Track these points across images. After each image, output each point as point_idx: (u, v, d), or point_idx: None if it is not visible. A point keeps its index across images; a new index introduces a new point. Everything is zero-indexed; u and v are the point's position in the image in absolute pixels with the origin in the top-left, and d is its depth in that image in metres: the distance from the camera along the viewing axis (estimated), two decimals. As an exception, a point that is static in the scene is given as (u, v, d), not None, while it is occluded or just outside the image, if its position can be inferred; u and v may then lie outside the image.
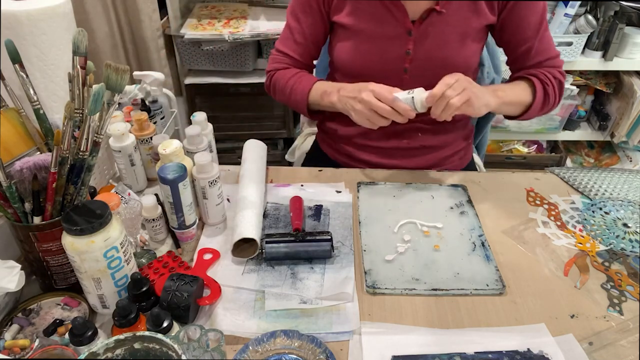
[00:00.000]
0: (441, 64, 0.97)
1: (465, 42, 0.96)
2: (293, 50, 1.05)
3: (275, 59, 1.08)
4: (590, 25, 1.85)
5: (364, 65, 0.99)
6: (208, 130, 0.95)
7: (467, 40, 0.96)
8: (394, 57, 0.97)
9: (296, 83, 1.02)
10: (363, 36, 0.97)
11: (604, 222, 0.90)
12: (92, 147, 0.68)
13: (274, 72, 1.07)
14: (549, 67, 1.01)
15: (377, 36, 0.96)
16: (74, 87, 0.69)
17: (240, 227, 0.80)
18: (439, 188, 0.98)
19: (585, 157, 2.35)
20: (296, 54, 1.06)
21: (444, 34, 0.95)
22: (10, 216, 0.67)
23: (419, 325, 0.71)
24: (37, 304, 0.71)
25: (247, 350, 0.65)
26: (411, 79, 0.98)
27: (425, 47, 0.96)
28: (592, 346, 0.68)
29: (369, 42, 0.97)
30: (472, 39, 0.97)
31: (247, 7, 2.15)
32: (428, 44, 0.95)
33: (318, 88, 1.00)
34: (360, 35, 0.97)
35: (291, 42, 1.05)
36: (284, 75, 1.05)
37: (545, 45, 1.00)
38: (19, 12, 0.74)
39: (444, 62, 0.97)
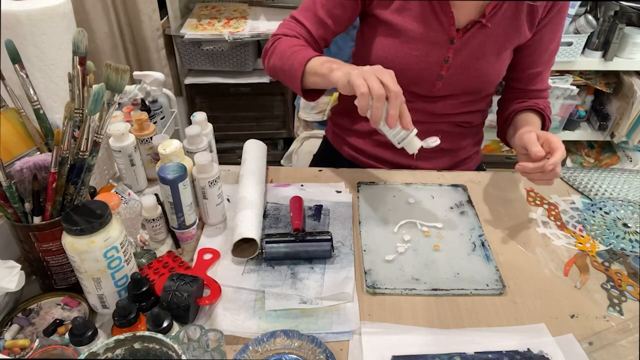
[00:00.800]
0: (475, 74, 0.98)
1: (500, 56, 0.98)
2: (310, 23, 0.98)
3: (287, 25, 1.00)
4: (590, 25, 1.85)
5: (401, 65, 0.97)
6: (208, 130, 0.95)
7: (503, 54, 0.98)
8: (433, 63, 0.96)
9: (302, 50, 0.93)
10: (406, 37, 0.95)
11: (604, 222, 0.90)
12: (92, 147, 0.68)
13: (281, 37, 0.98)
14: (544, 99, 1.05)
15: (420, 39, 0.95)
16: (74, 87, 0.69)
17: (240, 227, 0.80)
18: (439, 188, 0.98)
19: (585, 157, 2.35)
20: (312, 28, 0.98)
21: (483, 46, 0.95)
22: (10, 216, 0.67)
23: (419, 325, 0.71)
24: (37, 304, 0.71)
25: (247, 350, 0.65)
26: (444, 86, 0.99)
27: (463, 57, 0.96)
28: (592, 346, 0.68)
29: (411, 44, 0.95)
30: (507, 53, 0.99)
31: (247, 7, 2.15)
32: (467, 54, 0.96)
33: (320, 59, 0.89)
34: (403, 35, 0.95)
35: (311, 14, 0.98)
36: (290, 42, 0.95)
37: (548, 75, 1.05)
38: (19, 12, 0.74)
39: (478, 74, 0.98)
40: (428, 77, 0.98)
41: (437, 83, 0.99)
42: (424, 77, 0.98)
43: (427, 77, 0.98)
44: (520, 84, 1.05)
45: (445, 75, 0.97)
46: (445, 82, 0.98)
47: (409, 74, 0.97)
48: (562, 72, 2.06)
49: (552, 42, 0.99)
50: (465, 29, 0.93)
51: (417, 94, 1.01)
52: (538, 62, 1.01)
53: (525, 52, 1.00)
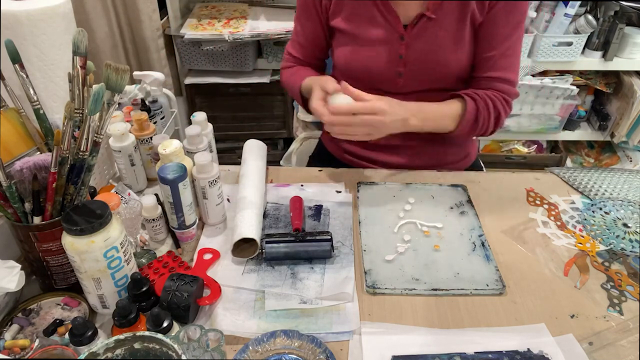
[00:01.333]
0: (435, 67, 0.98)
1: (458, 45, 0.96)
2: (298, 52, 1.11)
3: (285, 59, 1.15)
4: (590, 25, 1.85)
5: (360, 68, 1.01)
6: (208, 130, 0.95)
7: (461, 43, 0.96)
8: (388, 61, 0.98)
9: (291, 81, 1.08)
10: (359, 40, 0.99)
11: (604, 222, 0.90)
12: (92, 147, 0.68)
13: (282, 70, 1.14)
14: (498, 91, 0.99)
15: (372, 40, 0.98)
16: (74, 87, 0.69)
17: (240, 227, 0.80)
18: (439, 188, 0.98)
19: (585, 157, 2.35)
20: (301, 55, 1.11)
21: (436, 38, 0.95)
22: (10, 216, 0.67)
23: (419, 325, 0.71)
24: (37, 304, 0.71)
25: (247, 350, 0.65)
26: (406, 82, 1.00)
27: (417, 52, 0.96)
28: (592, 346, 0.68)
29: (365, 46, 0.99)
30: (466, 41, 0.97)
31: (247, 7, 2.15)
32: (420, 49, 0.96)
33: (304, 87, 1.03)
34: (356, 40, 0.99)
35: (297, 44, 1.11)
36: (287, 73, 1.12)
37: (507, 65, 0.98)
38: (19, 12, 0.74)
39: (437, 66, 0.97)
40: (388, 75, 1.00)
41: (398, 80, 1.00)
42: (385, 76, 1.00)
43: (387, 76, 1.00)
44: (476, 71, 1.01)
45: (404, 71, 0.98)
46: (406, 78, 0.99)
47: (370, 75, 1.01)
48: (562, 72, 2.06)
49: (504, 26, 0.94)
50: (413, 24, 0.95)
51: (385, 91, 1.01)
52: (490, 45, 0.96)
53: (478, 37, 0.97)
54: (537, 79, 2.02)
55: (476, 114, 0.96)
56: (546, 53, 1.91)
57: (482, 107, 0.96)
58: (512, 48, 0.97)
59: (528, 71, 1.98)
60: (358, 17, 0.98)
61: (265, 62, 2.05)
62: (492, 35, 0.95)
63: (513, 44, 0.97)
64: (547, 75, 2.04)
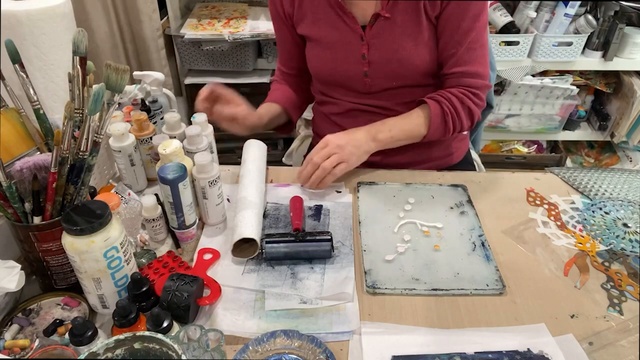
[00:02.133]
0: (398, 65, 0.98)
1: (417, 41, 0.96)
2: (283, 65, 1.16)
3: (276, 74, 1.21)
4: (590, 25, 1.85)
5: (329, 71, 1.03)
6: (208, 131, 0.95)
7: (419, 39, 0.95)
8: (353, 62, 1.00)
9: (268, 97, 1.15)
10: (324, 44, 1.01)
11: (604, 222, 0.90)
12: (92, 147, 0.68)
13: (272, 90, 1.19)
14: (466, 86, 0.98)
15: (335, 43, 0.99)
16: (74, 87, 0.69)
17: (240, 227, 0.80)
18: (439, 188, 0.98)
19: (585, 157, 2.35)
20: (284, 66, 1.16)
21: (394, 37, 0.96)
22: (10, 216, 0.67)
23: (419, 325, 0.71)
24: (37, 304, 0.71)
25: (247, 350, 0.65)
26: (373, 81, 1.01)
27: (379, 51, 0.98)
28: (592, 346, 0.68)
29: (329, 50, 1.01)
30: (424, 36, 0.95)
31: (247, 7, 2.15)
32: (381, 48, 0.97)
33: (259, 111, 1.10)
34: (321, 44, 1.01)
35: (281, 57, 1.16)
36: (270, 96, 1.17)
37: (472, 58, 0.97)
38: (19, 12, 0.74)
39: (400, 64, 0.98)
40: (355, 76, 1.01)
41: (365, 80, 1.01)
42: (352, 77, 1.02)
43: (354, 77, 1.02)
44: (443, 68, 1.00)
45: (369, 70, 1.00)
46: (372, 77, 1.00)
47: (339, 76, 1.03)
48: (562, 72, 2.06)
49: (462, 20, 0.92)
50: (371, 25, 0.96)
51: (357, 91, 1.04)
52: (453, 41, 0.95)
53: (440, 34, 0.96)
54: (537, 79, 2.02)
55: (442, 115, 0.97)
56: (546, 53, 1.91)
57: (447, 107, 0.97)
58: (475, 41, 0.95)
59: (528, 71, 1.98)
60: (319, 21, 1.00)
61: (265, 62, 2.05)
62: (452, 31, 0.94)
63: (476, 36, 0.95)
64: (547, 75, 2.04)
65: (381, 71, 0.99)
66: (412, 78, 1.01)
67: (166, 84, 1.82)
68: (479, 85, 0.99)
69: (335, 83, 1.05)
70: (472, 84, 0.98)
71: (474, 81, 0.98)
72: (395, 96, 1.03)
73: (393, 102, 1.04)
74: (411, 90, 1.02)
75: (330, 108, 1.12)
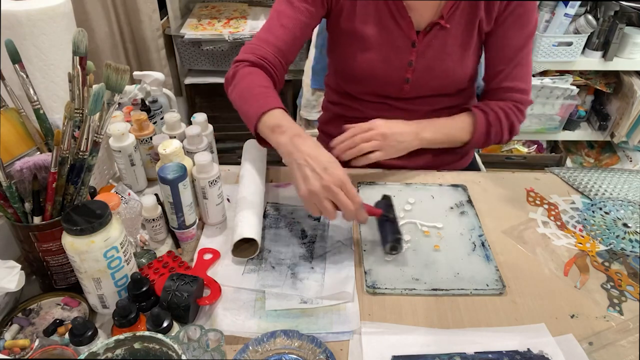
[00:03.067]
0: (442, 75, 0.98)
1: (465, 54, 0.97)
2: (277, 36, 0.93)
3: (250, 48, 0.94)
4: (590, 25, 1.85)
5: (367, 72, 0.99)
6: (208, 131, 0.95)
7: (468, 52, 0.97)
8: (397, 67, 0.98)
9: (258, 95, 0.86)
10: (368, 44, 0.96)
11: (604, 222, 0.90)
12: (92, 147, 0.68)
13: (245, 65, 0.92)
14: (512, 101, 1.00)
15: (382, 45, 0.96)
16: (74, 87, 0.69)
17: (241, 227, 0.80)
18: (439, 188, 0.98)
19: (585, 157, 2.35)
20: (279, 40, 0.93)
21: (446, 46, 0.96)
22: (10, 216, 0.67)
23: (419, 325, 0.71)
24: (37, 304, 0.71)
25: (247, 350, 0.65)
26: (412, 89, 1.00)
27: (427, 59, 0.97)
28: (592, 346, 0.68)
29: (374, 50, 0.97)
30: (472, 51, 0.98)
31: (247, 7, 2.15)
32: (430, 56, 0.96)
33: (274, 116, 0.82)
34: (365, 43, 0.97)
35: (277, 27, 0.94)
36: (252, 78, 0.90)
37: (520, 74, 0.99)
38: (19, 12, 0.74)
39: (444, 74, 0.98)
40: (394, 81, 1.00)
41: (404, 86, 1.00)
42: (391, 82, 1.00)
43: (393, 81, 1.00)
44: (487, 84, 1.04)
45: (412, 78, 0.99)
46: (413, 85, 1.00)
47: (375, 80, 1.00)
48: (562, 72, 2.06)
49: (516, 39, 0.95)
50: (425, 32, 0.94)
51: (389, 96, 1.03)
52: (504, 57, 0.97)
53: (491, 48, 0.99)
54: (537, 79, 2.02)
55: (487, 126, 0.99)
56: (546, 53, 1.92)
57: (494, 119, 0.98)
58: (525, 57, 0.98)
59: (528, 71, 1.98)
60: (369, 20, 0.95)
61: (265, 62, 2.05)
62: (505, 47, 0.97)
63: (526, 54, 0.98)
64: (547, 75, 2.04)
65: (424, 79, 0.99)
66: (447, 87, 1.02)
67: (166, 84, 1.82)
68: (523, 101, 1.01)
69: (368, 84, 1.01)
70: (518, 99, 1.00)
71: (520, 97, 1.00)
72: (424, 103, 1.03)
73: (423, 107, 1.04)
74: (440, 98, 1.03)
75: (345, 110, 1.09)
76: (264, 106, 0.83)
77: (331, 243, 0.84)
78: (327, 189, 0.72)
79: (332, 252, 0.82)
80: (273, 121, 0.82)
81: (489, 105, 1.00)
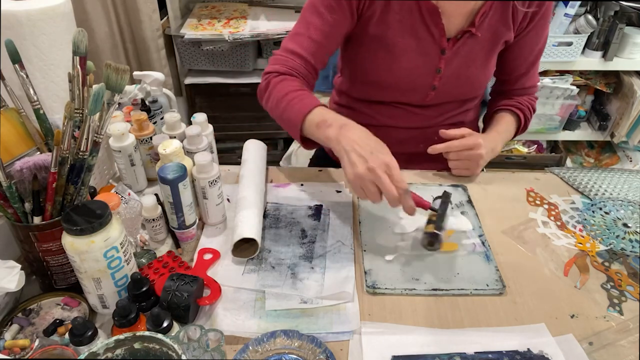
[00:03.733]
0: (466, 82, 1.00)
1: (489, 60, 0.99)
2: (305, 48, 0.93)
3: (279, 60, 0.95)
4: (590, 25, 1.85)
5: (392, 78, 0.98)
6: (208, 131, 0.95)
7: (491, 58, 1.00)
8: (425, 74, 0.97)
9: (296, 99, 0.88)
10: (395, 50, 0.95)
11: (604, 222, 0.90)
12: (92, 147, 0.68)
13: (275, 75, 0.94)
14: (529, 95, 1.08)
15: (411, 51, 0.95)
16: (74, 87, 0.69)
17: (241, 227, 0.80)
18: (439, 188, 0.98)
19: (585, 157, 2.35)
20: (308, 53, 0.93)
21: (472, 53, 0.97)
22: (10, 216, 0.67)
23: (419, 325, 0.71)
24: (37, 304, 0.71)
25: (247, 350, 0.65)
26: (436, 95, 1.01)
27: (454, 66, 0.97)
28: (592, 346, 0.68)
29: (402, 57, 0.95)
30: (493, 58, 1.00)
31: (247, 7, 2.15)
32: (457, 63, 0.97)
33: (318, 114, 0.84)
34: (392, 49, 0.95)
35: (304, 39, 0.93)
36: (285, 85, 0.91)
37: (536, 72, 1.07)
38: (19, 12, 0.74)
39: (469, 80, 1.00)
40: (421, 88, 1.00)
41: (429, 93, 1.00)
42: (417, 89, 1.00)
43: (419, 88, 1.00)
44: (506, 85, 1.08)
45: (438, 85, 0.99)
46: (438, 92, 1.00)
47: (401, 86, 0.99)
48: (562, 72, 2.06)
49: (536, 45, 1.01)
50: (456, 39, 0.94)
51: (410, 103, 1.03)
52: (523, 64, 1.03)
53: (510, 56, 1.02)
54: (537, 79, 2.02)
55: (525, 122, 1.07)
56: (546, 53, 1.91)
57: (528, 114, 1.07)
58: (540, 57, 1.05)
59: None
60: (399, 25, 0.93)
61: (265, 62, 2.05)
62: (525, 55, 1.01)
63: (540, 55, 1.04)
64: (547, 75, 2.04)
65: (449, 85, 0.99)
66: (468, 94, 1.05)
67: (166, 84, 1.83)
68: (535, 92, 1.10)
69: (391, 91, 0.99)
70: (534, 92, 1.10)
71: (535, 89, 1.10)
72: (445, 109, 1.05)
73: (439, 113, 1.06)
74: (456, 104, 1.06)
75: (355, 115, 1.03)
76: (305, 108, 0.85)
77: (331, 243, 0.84)
78: (372, 171, 0.73)
79: (332, 252, 0.82)
80: (317, 118, 0.83)
81: (521, 103, 1.06)
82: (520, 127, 1.08)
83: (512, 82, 1.07)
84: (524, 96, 1.08)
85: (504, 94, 1.10)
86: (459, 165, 0.99)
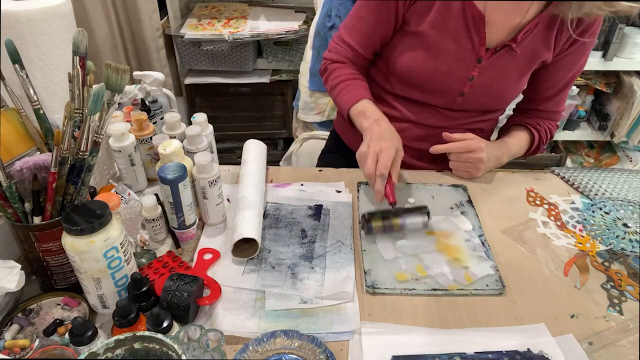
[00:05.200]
0: (496, 94, 1.00)
1: (522, 77, 0.99)
2: (357, 42, 1.02)
3: (336, 48, 1.05)
4: (590, 25, 1.85)
5: (425, 78, 0.98)
6: (209, 131, 0.95)
7: (525, 75, 0.99)
8: (457, 79, 0.97)
9: (347, 88, 1.01)
10: (435, 51, 0.95)
11: (604, 222, 0.90)
12: (92, 147, 0.68)
13: (331, 63, 1.06)
14: (550, 120, 1.08)
15: (449, 55, 0.95)
16: (74, 87, 0.69)
17: (241, 227, 0.80)
18: (439, 188, 0.98)
19: (585, 157, 2.35)
20: (360, 46, 1.02)
21: (508, 68, 0.96)
22: (10, 216, 0.67)
23: (419, 325, 0.71)
24: (37, 304, 0.71)
25: (247, 350, 0.65)
26: (464, 102, 1.01)
27: (487, 77, 0.97)
28: (592, 346, 0.68)
29: (439, 58, 0.95)
30: (527, 76, 1.00)
31: (247, 7, 2.15)
32: (491, 75, 0.97)
33: (361, 105, 0.97)
34: (432, 49, 0.95)
35: (356, 33, 1.02)
36: (339, 73, 1.03)
37: (564, 99, 1.06)
38: (19, 12, 0.74)
39: (499, 94, 1.00)
40: (450, 92, 0.99)
41: (457, 99, 1.00)
42: (446, 92, 1.00)
43: (449, 93, 1.00)
44: (532, 104, 1.07)
45: (467, 92, 0.99)
46: (466, 99, 1.00)
47: (431, 87, 0.99)
48: (562, 72, 2.05)
49: (571, 71, 1.00)
50: (494, 50, 0.94)
51: (436, 106, 1.03)
52: (553, 87, 1.02)
53: (542, 77, 1.01)
54: (537, 79, 2.02)
55: (539, 144, 1.08)
56: (546, 53, 1.91)
57: (544, 137, 1.07)
58: (571, 85, 1.05)
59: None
60: (441, 26, 0.93)
61: (265, 62, 2.05)
62: (558, 78, 1.01)
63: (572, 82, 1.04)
64: (547, 75, 2.04)
65: (478, 94, 0.99)
66: (494, 106, 1.05)
67: (166, 84, 1.83)
68: (559, 119, 1.10)
69: (422, 90, 1.00)
70: (558, 118, 1.10)
71: (559, 115, 1.09)
72: (468, 115, 1.05)
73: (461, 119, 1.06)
74: (481, 114, 1.06)
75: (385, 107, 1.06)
76: (352, 99, 0.99)
77: (331, 243, 0.84)
78: (368, 152, 0.86)
79: (332, 252, 0.82)
80: (360, 109, 0.98)
81: (542, 126, 1.06)
82: (532, 147, 1.08)
83: (538, 102, 1.06)
84: (545, 120, 1.07)
85: (527, 112, 1.08)
86: (458, 167, 1.00)
